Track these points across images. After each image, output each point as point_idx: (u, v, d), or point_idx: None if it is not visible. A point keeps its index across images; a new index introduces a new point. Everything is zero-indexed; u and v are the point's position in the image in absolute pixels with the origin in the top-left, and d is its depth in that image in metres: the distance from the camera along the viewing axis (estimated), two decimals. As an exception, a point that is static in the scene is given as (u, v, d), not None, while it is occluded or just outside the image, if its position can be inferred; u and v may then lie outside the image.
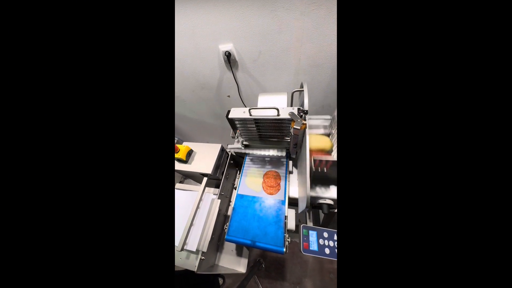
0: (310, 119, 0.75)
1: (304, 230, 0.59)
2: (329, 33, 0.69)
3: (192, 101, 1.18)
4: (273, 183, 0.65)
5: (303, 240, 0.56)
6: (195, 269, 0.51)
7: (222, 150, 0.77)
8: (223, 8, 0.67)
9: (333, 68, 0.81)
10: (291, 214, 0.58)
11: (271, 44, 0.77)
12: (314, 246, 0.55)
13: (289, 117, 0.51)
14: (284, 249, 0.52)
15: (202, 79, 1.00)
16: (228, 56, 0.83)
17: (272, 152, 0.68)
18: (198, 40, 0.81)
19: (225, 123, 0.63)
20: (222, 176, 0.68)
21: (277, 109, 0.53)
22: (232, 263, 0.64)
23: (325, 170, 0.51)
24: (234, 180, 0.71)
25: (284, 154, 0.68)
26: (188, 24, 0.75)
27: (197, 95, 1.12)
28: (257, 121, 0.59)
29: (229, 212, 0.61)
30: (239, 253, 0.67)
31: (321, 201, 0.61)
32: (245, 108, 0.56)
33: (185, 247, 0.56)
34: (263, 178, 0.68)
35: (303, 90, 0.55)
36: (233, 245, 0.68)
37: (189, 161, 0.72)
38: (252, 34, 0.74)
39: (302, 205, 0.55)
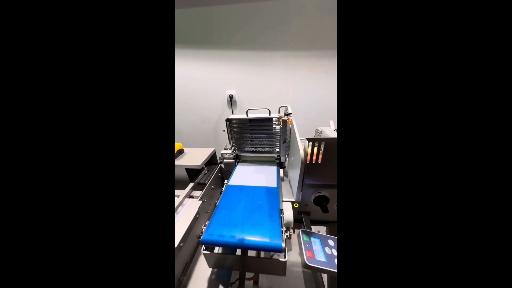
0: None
1: (304, 236, 0.50)
2: (310, 89, 1.05)
3: (190, 134, 1.31)
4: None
5: (306, 248, 0.46)
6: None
7: (214, 154, 0.80)
8: (230, 64, 1.05)
9: (306, 111, 1.11)
10: (287, 206, 0.52)
11: (262, 93, 1.09)
12: (320, 256, 0.45)
13: (277, 116, 0.66)
14: (283, 244, 0.39)
15: (205, 115, 1.22)
16: (231, 97, 1.11)
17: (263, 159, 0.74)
18: (209, 85, 1.12)
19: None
20: (207, 182, 0.66)
21: (269, 110, 0.68)
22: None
23: (319, 161, 0.53)
24: (217, 200, 0.66)
25: (274, 166, 0.74)
26: (200, 73, 1.10)
27: (196, 128, 1.28)
28: (251, 122, 0.72)
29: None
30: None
31: (315, 194, 0.59)
32: (243, 114, 0.71)
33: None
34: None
35: (286, 106, 0.75)
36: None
37: (176, 158, 0.72)
38: (250, 84, 1.08)
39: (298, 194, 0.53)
